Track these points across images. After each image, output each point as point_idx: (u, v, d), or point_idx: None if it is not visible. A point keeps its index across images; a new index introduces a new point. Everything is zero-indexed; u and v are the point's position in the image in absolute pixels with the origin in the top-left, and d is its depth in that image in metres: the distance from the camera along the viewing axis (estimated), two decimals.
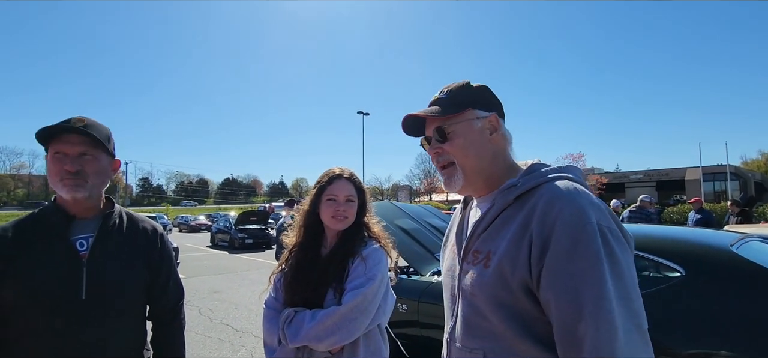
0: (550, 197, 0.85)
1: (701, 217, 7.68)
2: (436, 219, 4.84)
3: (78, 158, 1.21)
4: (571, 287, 0.77)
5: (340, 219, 1.46)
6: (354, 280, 1.40)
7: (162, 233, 1.44)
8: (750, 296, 1.96)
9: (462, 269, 0.97)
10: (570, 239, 0.78)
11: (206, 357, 4.29)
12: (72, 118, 1.22)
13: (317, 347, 1.35)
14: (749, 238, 2.55)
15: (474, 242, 0.96)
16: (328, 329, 1.32)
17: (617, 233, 0.82)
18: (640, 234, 2.49)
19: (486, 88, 1.03)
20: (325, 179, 1.52)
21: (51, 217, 1.24)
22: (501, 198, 0.93)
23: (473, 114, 0.98)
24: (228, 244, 17.20)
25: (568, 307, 0.77)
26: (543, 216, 0.83)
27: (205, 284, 8.38)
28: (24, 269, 1.16)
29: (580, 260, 0.77)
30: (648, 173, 33.78)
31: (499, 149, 1.00)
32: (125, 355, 1.29)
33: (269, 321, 1.45)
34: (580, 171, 0.98)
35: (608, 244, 0.79)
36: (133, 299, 1.32)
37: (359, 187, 1.53)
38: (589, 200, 0.84)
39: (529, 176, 0.93)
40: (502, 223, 0.91)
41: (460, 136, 0.98)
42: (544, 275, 0.80)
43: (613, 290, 0.76)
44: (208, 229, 26.32)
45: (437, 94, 1.03)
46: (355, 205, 1.50)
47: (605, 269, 0.76)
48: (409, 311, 3.55)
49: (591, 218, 0.80)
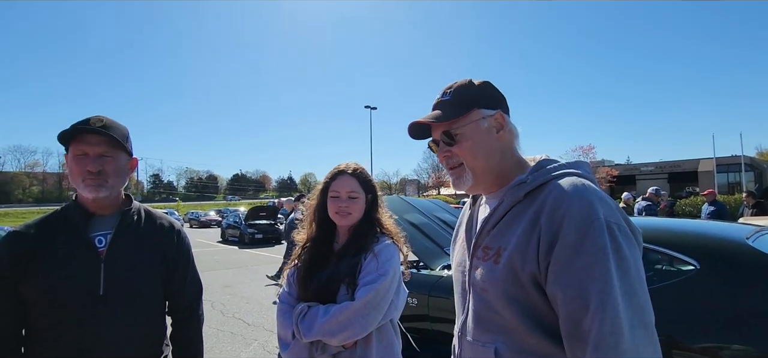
0: (558, 193, 0.86)
1: (715, 209, 7.55)
2: (445, 213, 4.83)
3: (98, 159, 1.24)
4: (577, 281, 0.78)
5: (344, 215, 1.47)
6: (366, 275, 1.41)
7: (179, 229, 1.46)
8: (766, 290, 1.93)
9: (472, 265, 0.99)
10: (578, 233, 0.80)
11: (220, 351, 4.38)
12: (91, 118, 1.25)
13: (330, 342, 1.37)
14: (765, 230, 2.51)
15: (484, 238, 0.97)
16: (341, 324, 1.34)
17: (625, 228, 0.83)
18: (654, 227, 2.46)
19: (489, 85, 1.02)
20: (330, 175, 1.55)
21: (71, 214, 1.27)
22: (510, 195, 0.94)
23: (479, 114, 0.98)
24: (238, 239, 17.37)
25: (574, 301, 0.78)
26: (552, 211, 0.84)
27: (217, 279, 8.49)
28: (44, 266, 1.19)
29: (587, 255, 0.78)
30: (660, 165, 33.28)
31: (507, 146, 1.01)
32: (144, 350, 1.31)
33: (283, 315, 1.46)
34: (589, 166, 0.98)
35: (615, 240, 0.80)
36: (151, 295, 1.34)
37: (366, 182, 1.53)
38: (598, 195, 0.85)
39: (538, 173, 0.93)
40: (511, 219, 0.92)
41: (468, 139, 0.98)
42: (552, 269, 0.81)
43: (619, 285, 0.77)
44: (219, 224, 26.58)
45: (439, 96, 1.02)
46: (360, 200, 1.51)
47: (612, 264, 0.78)
48: (419, 305, 3.56)
49: (599, 214, 0.81)
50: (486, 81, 1.02)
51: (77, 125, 1.23)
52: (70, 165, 1.24)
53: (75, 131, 1.22)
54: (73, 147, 1.23)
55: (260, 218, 17.57)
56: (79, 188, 1.25)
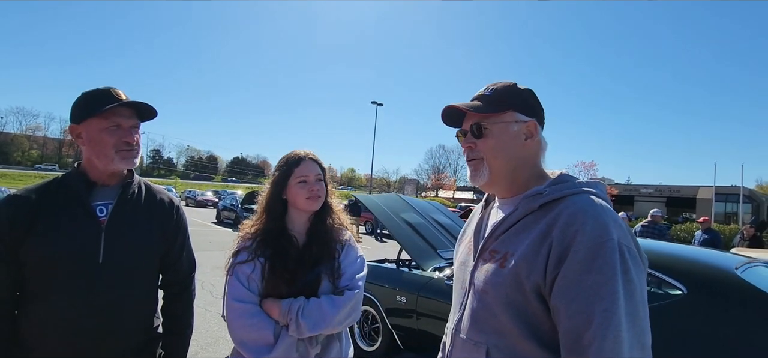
0: (574, 209, 0.87)
1: (708, 237, 7.59)
2: (442, 216, 4.85)
3: (131, 131, 1.28)
4: (584, 297, 0.79)
5: (315, 198, 1.43)
6: (352, 265, 1.45)
7: (178, 206, 1.48)
8: (750, 321, 1.96)
9: (477, 265, 1.00)
10: (589, 251, 0.81)
11: (206, 331, 4.40)
12: (114, 90, 1.28)
13: (333, 331, 1.38)
14: (756, 263, 2.53)
15: (492, 242, 0.98)
16: (348, 313, 1.38)
17: (635, 252, 0.85)
18: (647, 249, 2.48)
19: (531, 93, 1.03)
20: (292, 160, 1.46)
21: (73, 182, 1.28)
22: (525, 203, 0.95)
23: (513, 117, 0.99)
24: (233, 222, 17.40)
25: (578, 315, 0.79)
26: (565, 226, 0.85)
27: (208, 260, 8.50)
28: (45, 231, 1.20)
29: (597, 274, 0.80)
30: (659, 188, 33.30)
31: (530, 155, 1.01)
32: (137, 320, 1.34)
33: (254, 316, 1.31)
34: (605, 188, 1.00)
35: (625, 262, 0.82)
36: (148, 267, 1.36)
37: (322, 167, 1.51)
38: (613, 217, 0.86)
39: (555, 186, 0.94)
40: (523, 227, 0.94)
41: (494, 137, 0.99)
42: (559, 283, 0.83)
43: (625, 306, 0.79)
44: (215, 205, 26.60)
45: (482, 90, 1.03)
46: (323, 184, 1.48)
47: (619, 285, 0.79)
48: (407, 303, 3.58)
49: (612, 235, 0.82)
50: (530, 89, 1.03)
51: (106, 96, 1.25)
52: (99, 136, 1.25)
53: (109, 103, 1.24)
54: (102, 119, 1.25)
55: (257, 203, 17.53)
56: (109, 159, 1.26)
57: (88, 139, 1.27)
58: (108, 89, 1.27)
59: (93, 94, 1.27)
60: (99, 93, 1.27)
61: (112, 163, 1.27)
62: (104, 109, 1.23)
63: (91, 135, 1.26)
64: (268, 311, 1.34)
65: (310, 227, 1.47)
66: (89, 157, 1.29)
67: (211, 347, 4.05)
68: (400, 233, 3.91)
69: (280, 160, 1.51)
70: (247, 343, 1.30)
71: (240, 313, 1.32)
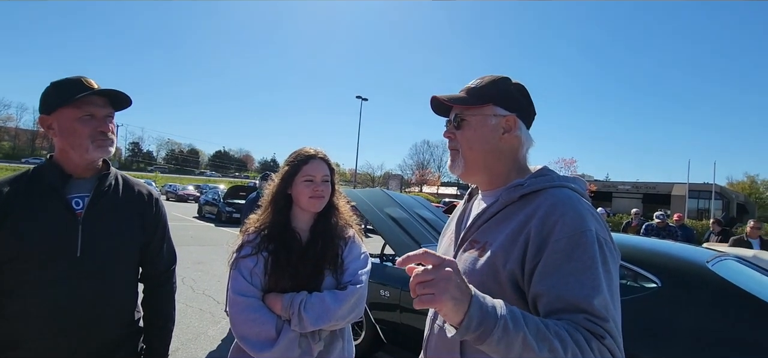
0: (554, 200, 0.89)
1: (682, 233, 7.85)
2: (426, 211, 4.88)
3: (105, 120, 1.25)
4: (564, 284, 0.81)
5: (318, 199, 1.44)
6: (355, 260, 1.45)
7: (157, 198, 1.45)
8: (720, 313, 2.04)
9: (456, 255, 1.01)
10: (569, 241, 0.83)
11: (187, 326, 4.34)
12: (85, 79, 1.24)
13: (337, 325, 1.38)
14: (726, 257, 2.64)
15: (473, 232, 1.00)
16: (351, 307, 1.37)
17: (611, 245, 0.88)
18: (622, 244, 2.55)
19: (519, 89, 1.04)
20: (301, 158, 1.45)
21: (47, 174, 1.24)
22: (506, 194, 0.97)
23: (492, 110, 1.00)
24: (215, 216, 17.15)
25: (559, 301, 0.81)
26: (545, 217, 0.87)
27: (189, 255, 8.36)
28: (18, 225, 1.16)
29: (577, 262, 0.82)
30: (636, 185, 34.26)
31: (508, 149, 1.02)
32: (117, 314, 1.31)
33: (256, 311, 1.30)
34: (585, 184, 1.02)
35: (604, 253, 0.85)
36: (127, 260, 1.33)
37: (331, 167, 1.51)
38: (591, 211, 0.89)
39: (536, 179, 0.97)
40: (502, 218, 0.96)
41: (471, 128, 1.01)
42: (539, 271, 0.84)
43: (606, 293, 0.81)
44: (196, 200, 26.14)
45: (473, 82, 1.05)
46: (329, 185, 1.48)
47: (600, 273, 0.82)
48: (391, 297, 3.60)
49: (590, 226, 0.85)
50: (520, 85, 1.04)
51: (77, 85, 1.21)
52: (72, 126, 1.21)
53: (81, 92, 1.20)
54: (75, 108, 1.21)
55: (240, 198, 17.35)
56: (83, 149, 1.23)
57: (61, 130, 1.23)
58: (78, 78, 1.23)
59: (63, 83, 1.23)
60: (69, 82, 1.22)
61: (88, 152, 1.24)
62: (76, 99, 1.19)
63: (64, 125, 1.22)
64: (271, 305, 1.33)
65: (314, 225, 1.47)
66: (63, 149, 1.25)
67: (192, 343, 3.99)
68: (384, 227, 3.92)
69: (290, 154, 1.51)
70: (248, 338, 1.29)
71: (242, 307, 1.30)
